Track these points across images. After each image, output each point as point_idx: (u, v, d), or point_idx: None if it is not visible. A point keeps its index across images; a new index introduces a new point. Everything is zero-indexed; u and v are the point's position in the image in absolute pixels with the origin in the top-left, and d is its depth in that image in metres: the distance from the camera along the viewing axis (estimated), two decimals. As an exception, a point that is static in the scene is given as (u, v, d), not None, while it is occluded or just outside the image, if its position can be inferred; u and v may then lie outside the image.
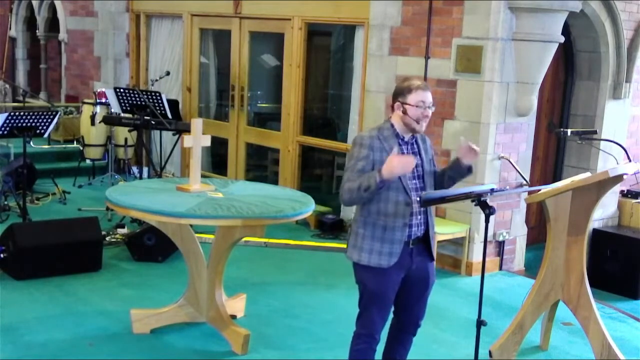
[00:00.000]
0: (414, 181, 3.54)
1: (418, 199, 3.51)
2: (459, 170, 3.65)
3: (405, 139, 3.58)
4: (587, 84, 7.02)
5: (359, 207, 3.57)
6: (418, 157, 3.58)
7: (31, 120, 6.77)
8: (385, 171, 3.30)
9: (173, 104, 8.55)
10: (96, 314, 5.05)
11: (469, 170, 3.65)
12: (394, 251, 3.49)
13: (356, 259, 3.55)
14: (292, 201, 4.64)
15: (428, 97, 3.51)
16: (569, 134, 5.62)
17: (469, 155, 3.58)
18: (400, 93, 3.53)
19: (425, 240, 3.61)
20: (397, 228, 3.48)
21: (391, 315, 3.77)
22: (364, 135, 3.55)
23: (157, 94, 7.56)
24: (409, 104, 3.49)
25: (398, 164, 3.28)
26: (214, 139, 5.92)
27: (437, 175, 3.69)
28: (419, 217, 3.56)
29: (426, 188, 3.58)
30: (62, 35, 11.10)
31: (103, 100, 8.77)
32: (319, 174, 8.82)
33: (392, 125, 3.56)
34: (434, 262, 3.73)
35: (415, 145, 3.62)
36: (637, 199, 7.24)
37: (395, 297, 3.64)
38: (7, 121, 6.63)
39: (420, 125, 3.52)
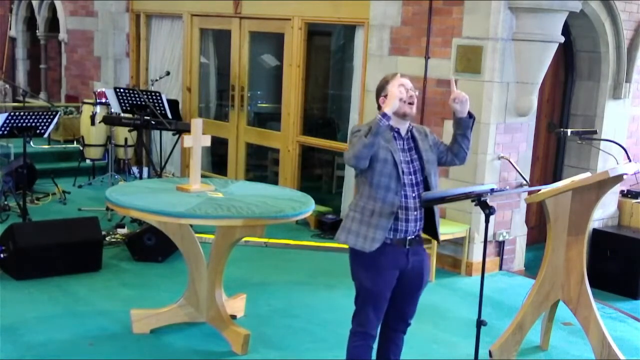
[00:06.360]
0: (410, 176, 3.54)
1: (414, 194, 3.53)
2: (461, 124, 3.63)
3: (402, 134, 3.59)
4: (587, 84, 7.02)
5: (357, 189, 3.59)
6: (414, 152, 3.60)
7: (31, 120, 6.77)
8: (386, 106, 3.40)
9: (173, 104, 8.55)
10: (96, 314, 5.05)
11: (470, 116, 3.62)
12: (376, 237, 3.50)
13: (342, 240, 3.61)
14: (292, 201, 4.64)
15: (407, 82, 3.57)
16: (569, 134, 5.61)
17: (460, 105, 3.58)
18: (381, 89, 3.61)
19: (420, 240, 3.64)
20: (383, 214, 3.49)
21: None
22: (361, 126, 3.56)
23: (157, 94, 7.56)
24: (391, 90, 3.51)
25: (396, 95, 3.40)
26: (214, 139, 5.91)
27: (451, 147, 3.69)
28: (415, 212, 3.56)
29: (424, 181, 3.58)
30: (62, 35, 11.09)
31: (103, 100, 8.77)
32: (319, 174, 8.82)
33: None
34: (429, 261, 3.76)
35: (411, 140, 3.62)
36: (637, 199, 7.24)
37: None
38: (7, 121, 6.63)
39: (410, 108, 3.54)
